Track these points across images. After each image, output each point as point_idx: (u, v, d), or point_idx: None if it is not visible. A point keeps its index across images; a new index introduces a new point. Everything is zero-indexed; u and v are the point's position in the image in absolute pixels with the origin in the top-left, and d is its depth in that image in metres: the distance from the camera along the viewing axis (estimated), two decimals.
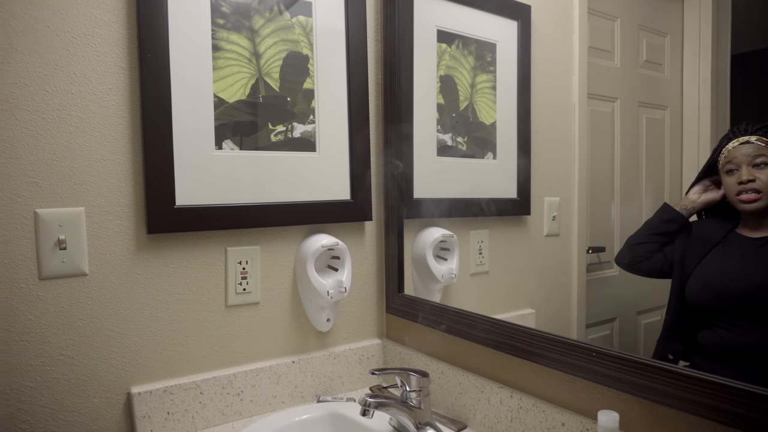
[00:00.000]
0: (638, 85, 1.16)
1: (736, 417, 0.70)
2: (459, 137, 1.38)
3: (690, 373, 0.76)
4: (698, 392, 0.74)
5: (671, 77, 1.09)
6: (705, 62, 1.02)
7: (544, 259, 1.30)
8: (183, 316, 1.14)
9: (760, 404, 0.68)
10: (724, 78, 1.00)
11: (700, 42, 1.03)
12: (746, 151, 0.83)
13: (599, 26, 1.21)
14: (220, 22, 1.15)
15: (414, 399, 1.04)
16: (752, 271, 0.83)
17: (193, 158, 1.12)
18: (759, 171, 0.81)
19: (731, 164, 0.84)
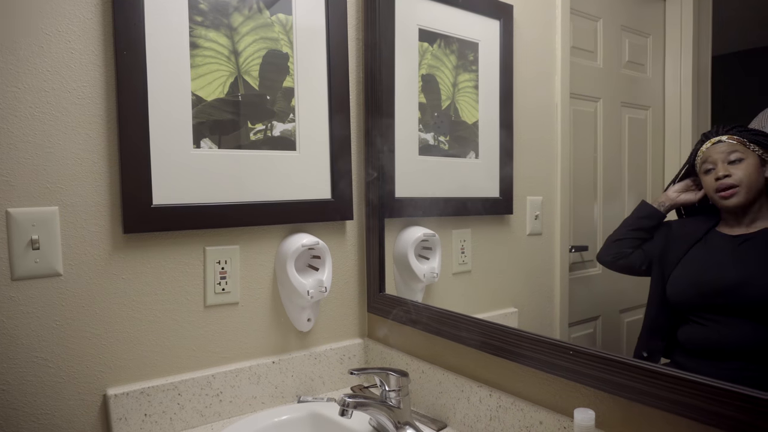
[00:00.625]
0: (621, 85, 1.17)
1: (711, 414, 0.71)
2: (441, 136, 1.38)
3: (664, 371, 0.76)
4: (673, 390, 0.75)
5: (653, 77, 1.10)
6: (686, 63, 1.03)
7: (527, 258, 1.30)
8: (161, 316, 1.12)
9: (735, 401, 0.68)
10: (705, 78, 1.01)
11: (682, 43, 1.04)
12: (721, 149, 0.84)
13: (582, 26, 1.21)
14: (198, 19, 1.13)
15: (393, 398, 1.04)
16: (732, 269, 0.84)
17: (171, 157, 1.11)
18: (734, 167, 0.83)
19: (708, 163, 0.86)
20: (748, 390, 0.67)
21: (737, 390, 0.68)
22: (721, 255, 0.86)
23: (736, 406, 0.68)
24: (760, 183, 0.82)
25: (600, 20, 1.19)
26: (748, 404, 0.67)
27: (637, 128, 1.13)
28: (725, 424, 0.69)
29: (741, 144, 0.82)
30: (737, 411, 0.68)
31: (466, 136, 1.38)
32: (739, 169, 0.82)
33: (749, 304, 0.80)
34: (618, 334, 1.16)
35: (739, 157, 0.82)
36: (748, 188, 0.82)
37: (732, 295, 0.82)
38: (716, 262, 0.87)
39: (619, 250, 1.01)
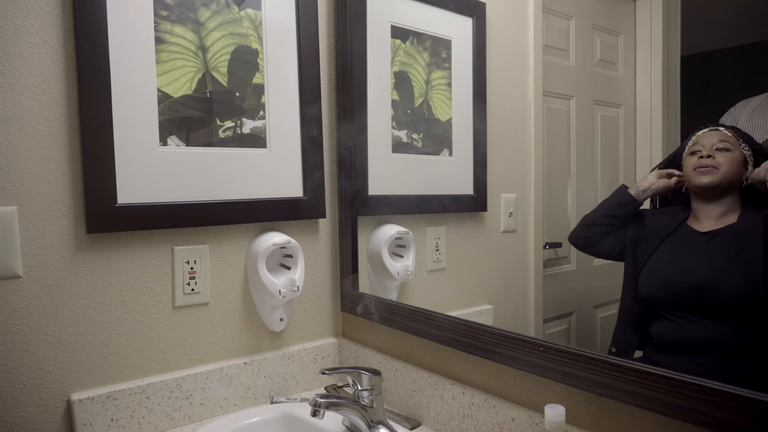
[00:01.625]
0: (593, 84, 1.18)
1: (675, 407, 0.72)
2: (414, 134, 1.37)
3: (631, 366, 0.77)
4: (639, 384, 0.75)
5: (625, 76, 1.11)
6: (656, 62, 1.04)
7: (502, 255, 1.31)
8: (127, 318, 1.10)
9: (699, 394, 0.69)
10: (674, 78, 1.02)
11: (652, 42, 1.05)
12: (713, 136, 0.86)
13: (554, 25, 1.22)
14: (163, 13, 1.11)
15: (366, 398, 1.03)
16: (701, 266, 0.85)
17: (136, 155, 1.08)
18: (719, 153, 0.84)
19: (697, 146, 0.87)
20: (710, 383, 0.68)
21: (700, 383, 0.69)
22: (690, 253, 0.87)
23: (700, 399, 0.69)
24: (737, 178, 0.83)
25: (572, 19, 1.20)
26: (710, 397, 0.68)
27: (609, 126, 1.14)
28: (688, 417, 0.70)
29: (734, 137, 0.84)
30: (700, 404, 0.69)
31: (440, 133, 1.37)
32: (723, 157, 0.84)
33: (716, 304, 0.81)
34: (592, 329, 1.17)
35: (727, 146, 0.84)
36: (725, 175, 0.83)
37: (699, 295, 0.83)
38: (685, 260, 0.88)
39: (592, 234, 1.02)
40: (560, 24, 1.21)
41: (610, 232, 0.99)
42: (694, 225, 0.88)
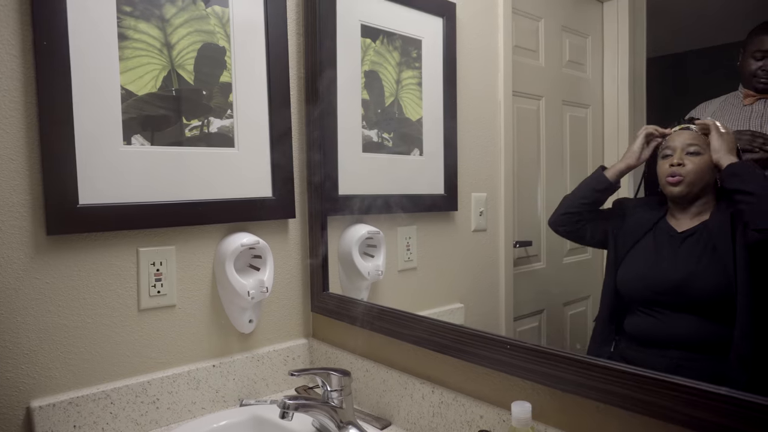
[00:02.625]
0: (562, 84, 1.20)
1: (641, 403, 0.73)
2: (385, 133, 1.37)
3: (596, 362, 0.78)
4: (605, 380, 0.77)
5: (593, 77, 1.12)
6: (623, 64, 1.06)
7: (472, 254, 1.32)
8: (90, 322, 1.07)
9: (664, 390, 0.70)
10: (640, 79, 1.04)
11: (618, 44, 1.07)
12: (683, 138, 0.86)
13: (524, 26, 1.23)
14: (126, 9, 1.08)
15: (336, 398, 1.03)
16: (678, 265, 0.87)
17: (99, 154, 1.05)
18: (689, 158, 0.85)
19: (668, 149, 0.88)
20: (674, 378, 0.70)
21: (664, 378, 0.70)
22: (667, 252, 0.88)
23: (663, 394, 0.70)
24: (708, 181, 0.84)
25: (541, 20, 1.21)
26: (674, 392, 0.69)
27: (578, 126, 1.16)
28: (653, 412, 0.72)
29: (704, 137, 0.85)
30: (664, 399, 0.70)
31: (411, 133, 1.38)
32: (693, 162, 0.85)
33: (691, 301, 0.83)
34: (562, 326, 1.19)
35: (697, 150, 0.84)
36: (692, 183, 0.85)
37: (675, 293, 0.85)
38: (662, 258, 0.89)
39: (569, 222, 1.02)
40: (530, 25, 1.22)
41: (590, 219, 0.99)
42: (672, 222, 0.89)
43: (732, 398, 0.64)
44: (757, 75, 0.86)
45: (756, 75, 0.86)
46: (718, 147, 0.83)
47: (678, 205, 0.88)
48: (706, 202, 0.85)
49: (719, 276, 0.80)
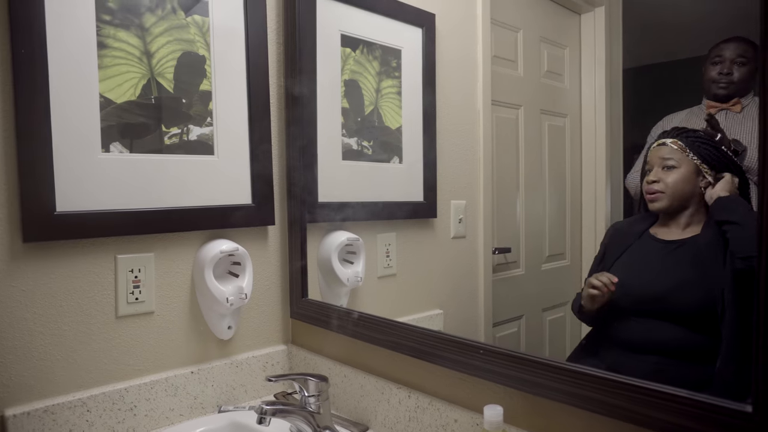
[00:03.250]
0: (540, 94, 1.22)
1: (607, 406, 0.75)
2: (364, 141, 1.39)
3: (565, 366, 0.81)
4: (573, 384, 0.79)
5: (570, 87, 1.15)
6: (600, 74, 1.09)
7: (452, 260, 1.33)
8: (67, 329, 1.07)
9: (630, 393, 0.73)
10: (617, 89, 1.07)
11: (595, 55, 1.10)
12: (660, 154, 0.88)
13: (503, 37, 1.26)
14: (105, 18, 1.09)
15: (313, 404, 1.04)
16: (662, 275, 0.89)
17: (77, 162, 1.06)
18: (665, 173, 0.87)
19: (648, 165, 0.90)
20: (639, 381, 0.72)
21: (630, 382, 0.73)
22: (652, 262, 0.90)
23: (629, 397, 0.72)
24: (690, 192, 0.86)
25: (520, 31, 1.24)
26: (639, 395, 0.71)
27: (556, 135, 1.19)
28: (619, 414, 0.74)
29: (681, 151, 0.86)
30: (631, 402, 0.72)
31: (390, 141, 1.40)
32: (670, 176, 0.87)
33: (674, 311, 0.85)
34: (541, 332, 1.21)
35: (673, 164, 0.86)
36: (671, 197, 0.87)
37: (659, 302, 0.87)
38: (646, 269, 0.91)
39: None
40: (508, 36, 1.25)
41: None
42: (660, 233, 0.91)
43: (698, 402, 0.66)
44: (716, 81, 0.89)
45: (715, 81, 0.89)
46: (719, 187, 0.84)
47: (666, 216, 0.90)
48: (695, 213, 0.86)
49: (705, 290, 0.81)
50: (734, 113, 0.88)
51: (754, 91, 0.87)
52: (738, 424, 0.62)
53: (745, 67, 0.87)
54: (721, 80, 0.88)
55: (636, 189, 1.00)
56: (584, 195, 1.13)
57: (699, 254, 0.84)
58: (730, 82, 0.88)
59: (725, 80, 0.88)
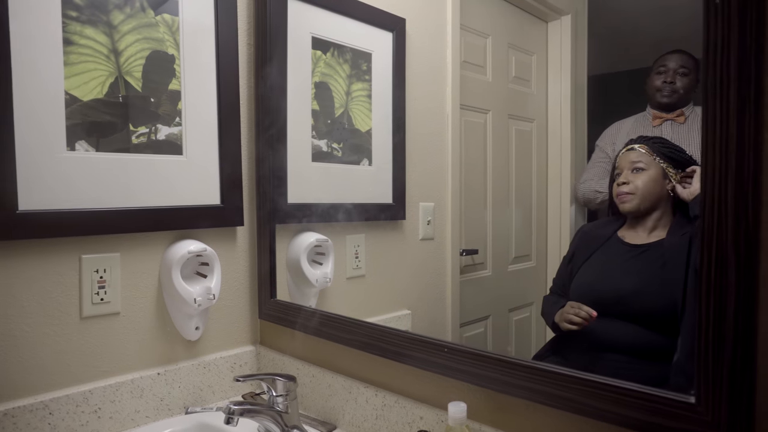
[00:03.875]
0: (508, 99, 1.25)
1: (563, 400, 0.78)
2: (335, 143, 1.40)
3: (524, 363, 0.84)
4: (532, 380, 0.82)
5: (537, 92, 1.18)
6: (566, 80, 1.13)
7: (420, 262, 1.35)
8: (29, 330, 1.05)
9: (584, 388, 0.76)
10: (581, 95, 1.11)
11: (561, 62, 1.14)
12: (629, 158, 0.92)
13: (472, 42, 1.28)
14: (72, 14, 1.07)
15: (281, 403, 1.04)
16: (627, 278, 0.93)
17: (41, 159, 1.04)
18: (634, 175, 0.91)
19: (618, 169, 0.94)
20: (592, 376, 0.75)
21: (582, 377, 0.76)
22: (617, 265, 0.94)
23: (583, 391, 0.76)
24: (658, 194, 0.90)
25: (489, 37, 1.27)
26: (592, 389, 0.75)
27: (523, 139, 1.22)
28: (574, 408, 0.77)
29: (648, 155, 0.90)
30: (584, 396, 0.76)
31: (360, 143, 1.41)
32: (639, 179, 0.91)
33: (636, 313, 0.88)
34: (507, 332, 1.24)
35: (641, 167, 0.90)
36: (641, 198, 0.91)
37: (622, 305, 0.90)
38: (612, 272, 0.95)
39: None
40: (478, 41, 1.28)
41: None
42: (628, 236, 0.94)
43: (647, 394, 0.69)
44: (660, 89, 0.95)
45: (660, 89, 0.95)
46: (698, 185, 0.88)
47: (634, 219, 0.93)
48: (661, 217, 0.90)
49: (668, 294, 0.84)
50: (679, 124, 0.93)
51: (694, 102, 0.93)
52: (683, 414, 0.65)
53: (686, 78, 0.93)
54: (665, 89, 0.94)
55: (585, 196, 1.05)
56: (550, 198, 1.16)
57: (663, 258, 0.88)
58: (674, 91, 0.94)
59: (669, 89, 0.94)
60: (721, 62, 0.63)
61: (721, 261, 0.62)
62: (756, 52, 0.61)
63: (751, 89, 0.61)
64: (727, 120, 0.62)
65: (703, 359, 0.63)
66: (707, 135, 0.64)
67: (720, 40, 0.63)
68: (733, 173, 0.62)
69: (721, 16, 0.63)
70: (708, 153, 0.63)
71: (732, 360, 0.61)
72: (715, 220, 0.63)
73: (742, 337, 0.61)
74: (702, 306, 0.64)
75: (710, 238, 0.63)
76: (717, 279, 0.62)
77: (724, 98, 0.62)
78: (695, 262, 0.74)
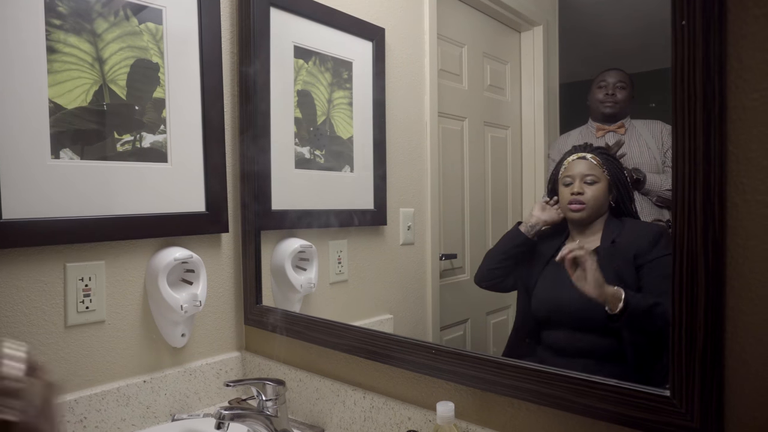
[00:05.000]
0: (484, 107, 1.29)
1: (543, 395, 0.83)
2: (317, 150, 1.42)
3: (508, 362, 0.87)
4: (515, 378, 0.86)
5: (511, 100, 1.23)
6: (538, 88, 1.17)
7: (401, 266, 1.38)
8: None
9: (561, 383, 0.80)
10: (554, 103, 1.15)
11: (534, 71, 1.18)
12: (581, 168, 0.97)
13: (449, 51, 1.32)
14: (55, 22, 1.07)
15: (270, 408, 1.06)
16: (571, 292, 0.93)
17: (25, 168, 1.03)
18: (587, 186, 0.96)
19: (568, 177, 0.98)
20: (568, 372, 0.80)
21: (560, 373, 0.80)
22: (564, 278, 0.95)
23: (564, 387, 0.80)
24: (604, 207, 0.96)
25: (464, 47, 1.31)
26: (572, 385, 0.79)
27: (498, 146, 1.26)
28: (553, 402, 0.81)
29: (599, 166, 0.96)
30: (561, 390, 0.80)
31: (342, 150, 1.43)
32: (591, 190, 0.96)
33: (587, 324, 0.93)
34: (485, 334, 1.27)
35: (593, 179, 0.96)
36: (593, 208, 0.96)
37: (574, 317, 0.95)
38: (561, 286, 0.97)
39: (494, 277, 1.11)
40: (454, 51, 1.32)
41: (510, 272, 1.08)
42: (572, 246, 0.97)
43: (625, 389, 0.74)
44: (603, 101, 1.03)
45: (603, 101, 1.03)
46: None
47: (577, 229, 0.99)
48: (599, 224, 0.96)
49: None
50: (620, 135, 1.01)
51: (631, 115, 1.02)
52: (659, 407, 0.70)
53: (625, 91, 1.02)
54: (608, 101, 1.03)
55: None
56: (524, 202, 1.21)
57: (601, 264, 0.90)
58: (615, 102, 1.03)
59: (611, 100, 1.03)
60: (688, 79, 0.68)
61: (691, 263, 0.67)
62: (719, 70, 0.66)
63: (716, 105, 0.66)
64: (694, 133, 0.67)
65: (676, 355, 0.68)
66: (677, 147, 0.69)
67: (686, 58, 0.68)
68: (701, 182, 0.67)
69: (687, 37, 0.68)
70: (678, 163, 0.68)
71: (703, 354, 0.66)
72: (685, 226, 0.68)
73: (712, 333, 0.66)
74: (675, 305, 0.68)
75: (681, 242, 0.68)
76: (688, 280, 0.67)
77: (692, 113, 0.67)
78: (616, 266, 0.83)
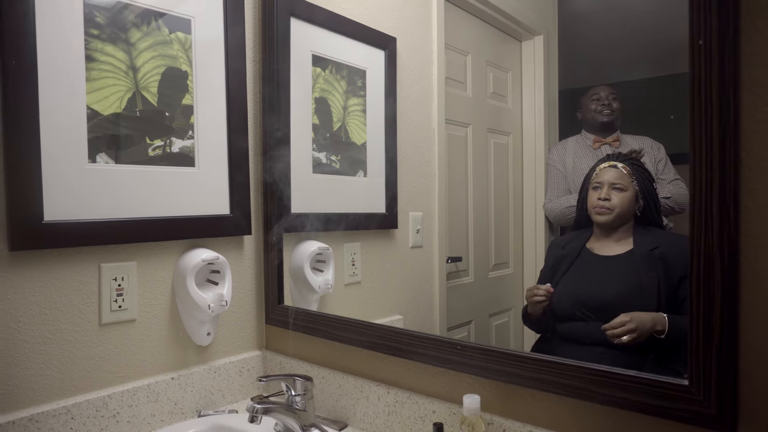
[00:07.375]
0: (487, 114, 1.34)
1: (564, 387, 0.88)
2: (333, 156, 1.47)
3: (531, 356, 0.93)
4: (537, 370, 0.91)
5: (513, 107, 1.28)
6: (539, 96, 1.22)
7: (410, 269, 1.43)
8: (50, 337, 1.07)
9: (581, 374, 0.86)
10: (554, 109, 1.20)
11: (535, 79, 1.23)
12: (611, 175, 1.04)
13: (454, 60, 1.37)
14: (94, 32, 1.12)
15: (299, 402, 1.11)
16: (605, 286, 1.04)
17: (64, 171, 1.07)
18: (615, 193, 1.03)
19: (598, 183, 1.05)
20: (591, 365, 0.86)
21: (584, 366, 0.86)
22: (596, 275, 1.06)
23: (583, 378, 0.86)
24: (630, 212, 1.02)
25: (469, 55, 1.36)
26: (592, 376, 0.85)
27: (500, 151, 1.31)
28: (573, 393, 0.87)
29: (628, 175, 1.02)
30: (582, 381, 0.86)
31: (356, 156, 1.48)
32: (618, 197, 1.03)
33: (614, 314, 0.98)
34: (488, 335, 1.32)
35: (621, 187, 1.02)
36: (618, 214, 1.03)
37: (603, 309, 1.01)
38: (592, 281, 1.06)
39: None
40: (459, 59, 1.37)
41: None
42: (595, 247, 1.07)
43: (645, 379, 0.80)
44: (599, 111, 1.10)
45: (599, 111, 1.10)
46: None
47: (602, 232, 1.06)
48: (625, 231, 1.03)
49: (645, 297, 0.97)
50: (614, 148, 1.08)
51: (621, 130, 1.10)
52: (678, 395, 0.76)
53: (617, 101, 1.10)
54: (604, 110, 1.10)
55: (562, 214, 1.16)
56: (525, 207, 1.26)
57: (635, 266, 1.01)
58: (612, 111, 1.10)
59: (607, 109, 1.10)
60: (705, 94, 0.74)
61: (708, 262, 0.74)
62: (733, 86, 0.73)
63: (731, 117, 0.73)
64: (711, 143, 0.74)
65: (694, 346, 0.74)
66: (694, 155, 0.75)
67: (703, 75, 0.75)
68: (717, 188, 0.73)
69: (704, 55, 0.75)
70: (695, 171, 0.75)
71: (719, 346, 0.73)
72: (702, 228, 0.74)
73: (728, 326, 0.72)
74: (693, 301, 0.75)
75: (698, 243, 0.74)
76: (705, 278, 0.73)
77: (708, 125, 0.74)
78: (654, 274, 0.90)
